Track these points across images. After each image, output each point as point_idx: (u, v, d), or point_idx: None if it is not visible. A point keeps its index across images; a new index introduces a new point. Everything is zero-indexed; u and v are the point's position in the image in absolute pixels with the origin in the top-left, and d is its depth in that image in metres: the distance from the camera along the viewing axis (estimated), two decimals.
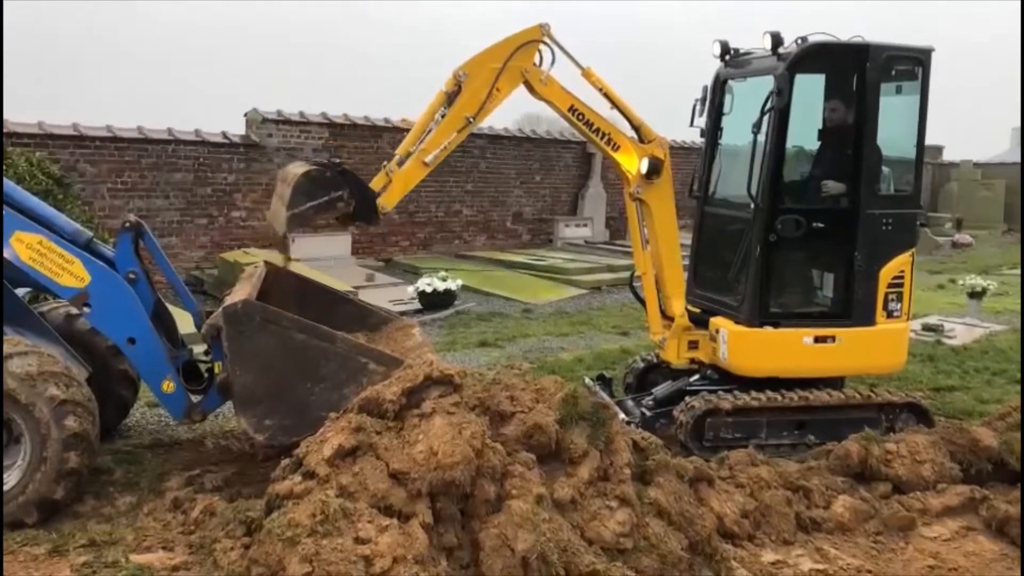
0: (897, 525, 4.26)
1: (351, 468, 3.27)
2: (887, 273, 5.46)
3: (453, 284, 10.09)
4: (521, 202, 16.12)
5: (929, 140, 5.71)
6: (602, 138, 5.36)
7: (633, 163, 5.41)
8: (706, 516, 3.81)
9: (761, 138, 5.36)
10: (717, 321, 5.59)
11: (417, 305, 9.98)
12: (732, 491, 4.22)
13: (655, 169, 5.40)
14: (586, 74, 5.28)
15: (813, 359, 5.46)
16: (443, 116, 5.11)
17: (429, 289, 9.92)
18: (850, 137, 5.55)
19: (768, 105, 5.24)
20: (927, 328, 9.13)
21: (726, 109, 5.93)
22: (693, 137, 7.64)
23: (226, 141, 11.82)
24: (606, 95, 5.33)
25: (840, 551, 4.04)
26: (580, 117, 5.29)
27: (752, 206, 5.41)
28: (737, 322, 5.48)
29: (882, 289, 5.46)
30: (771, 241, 5.38)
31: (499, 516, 3.25)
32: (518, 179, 16.03)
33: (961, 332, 9.23)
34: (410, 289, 10.21)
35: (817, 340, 5.43)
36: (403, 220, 14.16)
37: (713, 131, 5.95)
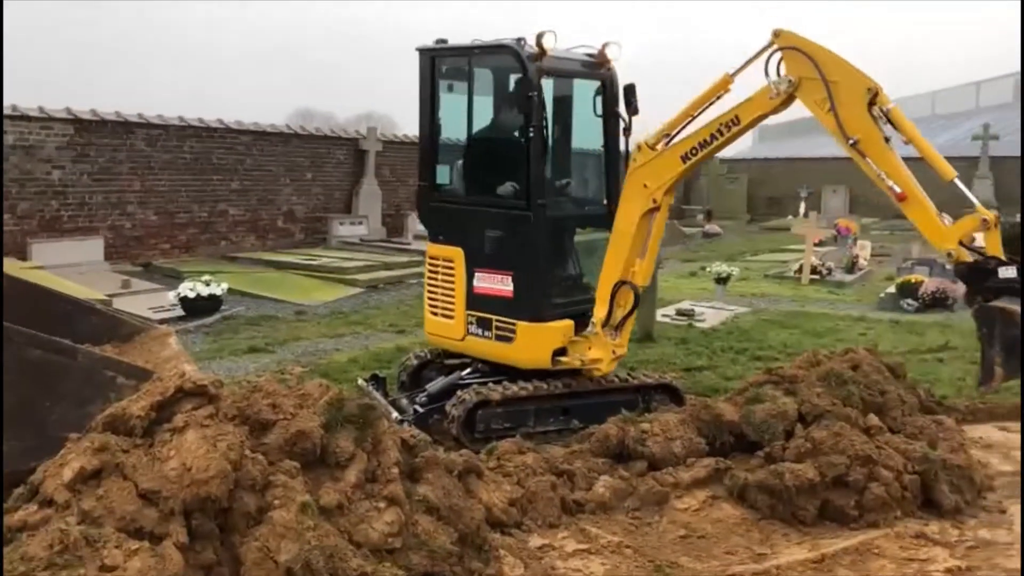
0: (653, 500, 4.55)
1: (95, 492, 3.04)
2: None
3: (218, 288, 9.64)
4: (292, 200, 15.71)
5: None
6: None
7: None
8: (475, 508, 3.88)
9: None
10: None
11: (180, 312, 9.45)
12: (500, 480, 4.33)
13: None
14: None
15: None
16: None
17: (192, 294, 9.42)
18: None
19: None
20: (680, 313, 9.82)
21: None
22: None
23: None
24: None
25: (602, 529, 4.26)
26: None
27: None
28: None
29: None
30: None
31: (261, 528, 3.13)
32: (288, 177, 15.61)
33: (710, 315, 10.00)
34: (171, 295, 9.64)
35: None
36: (163, 221, 13.38)
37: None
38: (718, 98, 5.21)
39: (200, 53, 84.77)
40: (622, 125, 5.93)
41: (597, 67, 5.94)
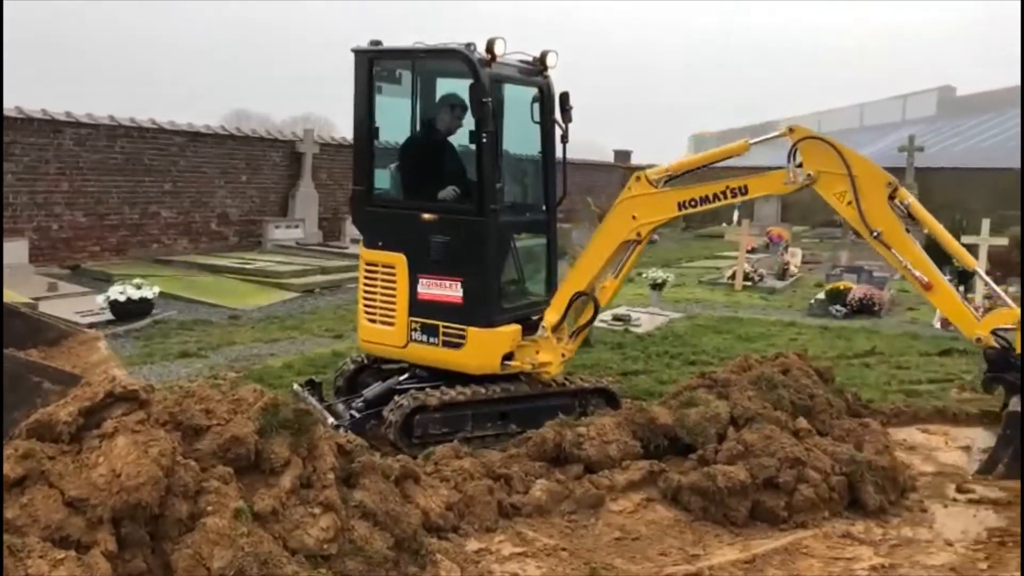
0: (588, 503, 4.59)
1: (18, 500, 2.95)
2: None
3: (149, 291, 9.42)
4: (226, 203, 15.44)
5: (619, 146, 6.36)
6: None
7: None
8: (412, 513, 3.87)
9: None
10: None
11: (109, 316, 9.21)
12: (437, 485, 4.33)
13: None
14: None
15: None
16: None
17: (122, 298, 9.19)
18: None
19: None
20: (616, 318, 9.92)
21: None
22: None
23: None
24: None
25: (538, 533, 4.29)
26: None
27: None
28: None
29: None
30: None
31: (193, 535, 3.09)
32: (222, 179, 15.33)
33: (645, 321, 10.13)
34: (100, 298, 9.40)
35: None
36: (92, 223, 13.03)
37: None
38: (729, 158, 5.45)
39: (134, 51, 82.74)
40: (559, 132, 5.99)
41: (535, 74, 5.99)
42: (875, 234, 4.87)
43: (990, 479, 4.24)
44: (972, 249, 12.26)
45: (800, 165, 5.07)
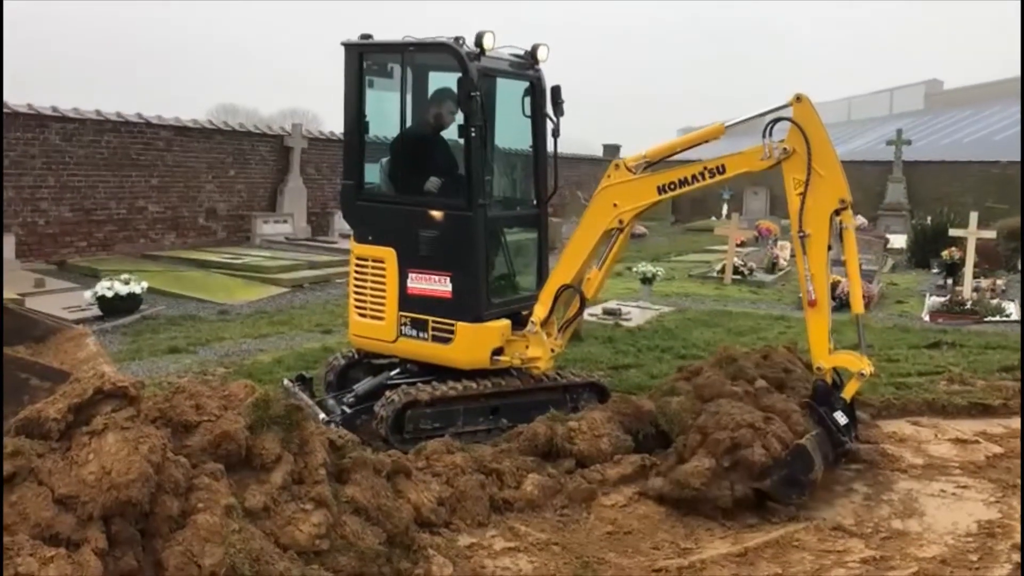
0: (580, 497, 4.60)
1: (8, 498, 2.93)
2: None
3: (138, 287, 9.36)
4: (214, 197, 15.36)
5: (608, 140, 6.33)
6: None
7: None
8: (403, 508, 3.87)
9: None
10: None
11: (97, 311, 9.16)
12: (429, 480, 4.33)
13: None
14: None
15: None
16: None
17: (110, 293, 9.12)
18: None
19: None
20: (607, 312, 9.92)
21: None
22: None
23: None
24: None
25: (530, 527, 4.29)
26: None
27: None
28: None
29: None
30: None
31: (184, 532, 3.07)
32: (210, 173, 15.25)
33: (636, 315, 10.14)
34: (87, 294, 9.34)
35: None
36: (78, 218, 12.95)
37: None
38: (705, 142, 5.37)
39: (121, 46, 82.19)
40: (550, 126, 5.97)
41: (526, 68, 5.97)
42: (801, 234, 4.89)
43: (761, 487, 4.51)
44: (960, 242, 12.35)
45: (782, 141, 5.00)
